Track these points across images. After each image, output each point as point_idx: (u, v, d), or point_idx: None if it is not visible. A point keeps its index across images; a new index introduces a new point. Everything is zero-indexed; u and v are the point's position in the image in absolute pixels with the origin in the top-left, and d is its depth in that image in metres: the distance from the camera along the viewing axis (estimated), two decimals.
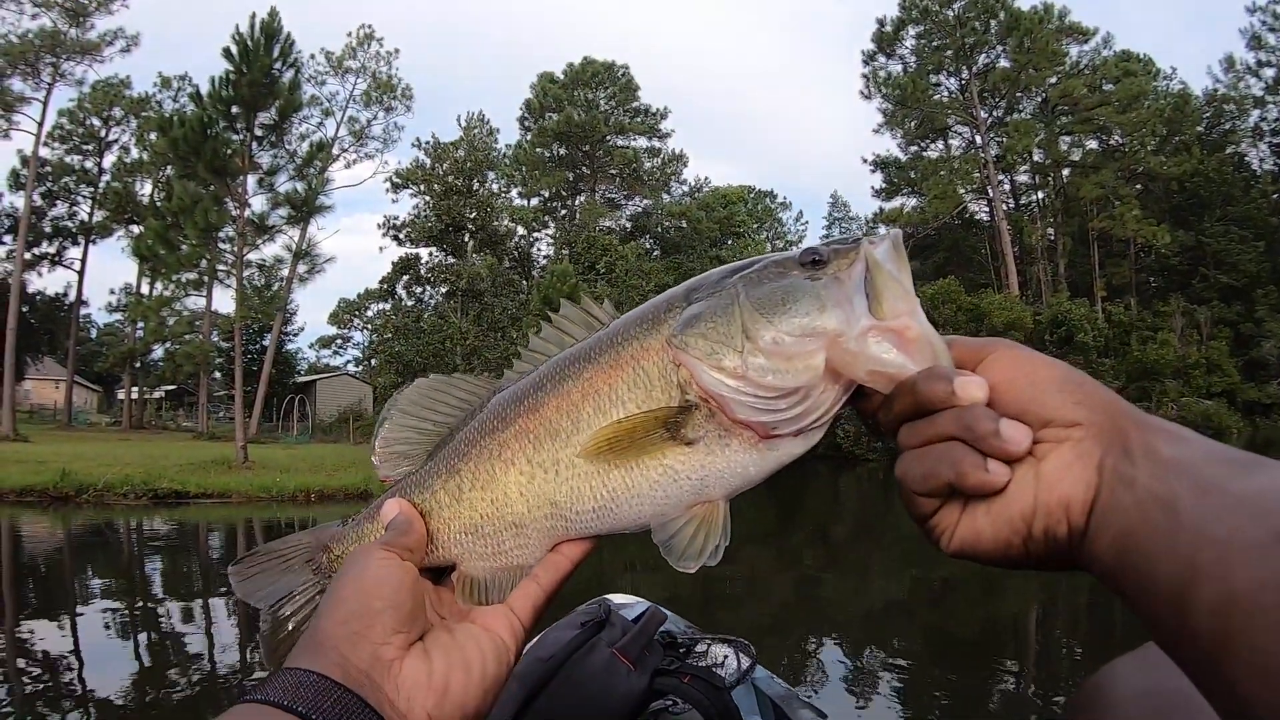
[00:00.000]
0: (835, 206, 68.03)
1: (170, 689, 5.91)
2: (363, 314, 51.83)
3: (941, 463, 0.60)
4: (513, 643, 0.73)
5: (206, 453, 23.60)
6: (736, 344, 0.67)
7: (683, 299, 0.72)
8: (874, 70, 47.70)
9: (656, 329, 0.71)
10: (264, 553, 0.84)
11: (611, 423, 0.70)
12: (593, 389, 0.72)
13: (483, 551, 0.76)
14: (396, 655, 0.65)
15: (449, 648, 0.69)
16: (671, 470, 0.69)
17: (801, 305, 0.66)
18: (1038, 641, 7.63)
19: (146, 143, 43.73)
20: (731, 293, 0.69)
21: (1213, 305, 43.88)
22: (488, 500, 0.75)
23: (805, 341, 0.65)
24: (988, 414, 0.59)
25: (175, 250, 21.23)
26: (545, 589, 0.76)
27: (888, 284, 0.65)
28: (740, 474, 0.69)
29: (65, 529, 14.58)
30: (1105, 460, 0.56)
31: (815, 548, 12.83)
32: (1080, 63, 45.99)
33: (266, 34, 21.77)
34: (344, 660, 0.62)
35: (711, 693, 1.73)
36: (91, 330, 63.32)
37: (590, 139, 49.32)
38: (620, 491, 0.71)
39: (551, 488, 0.73)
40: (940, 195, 43.96)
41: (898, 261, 0.66)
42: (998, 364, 0.62)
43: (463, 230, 29.44)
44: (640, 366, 0.71)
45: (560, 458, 0.73)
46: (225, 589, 9.89)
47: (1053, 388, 0.59)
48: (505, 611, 0.74)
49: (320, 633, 0.65)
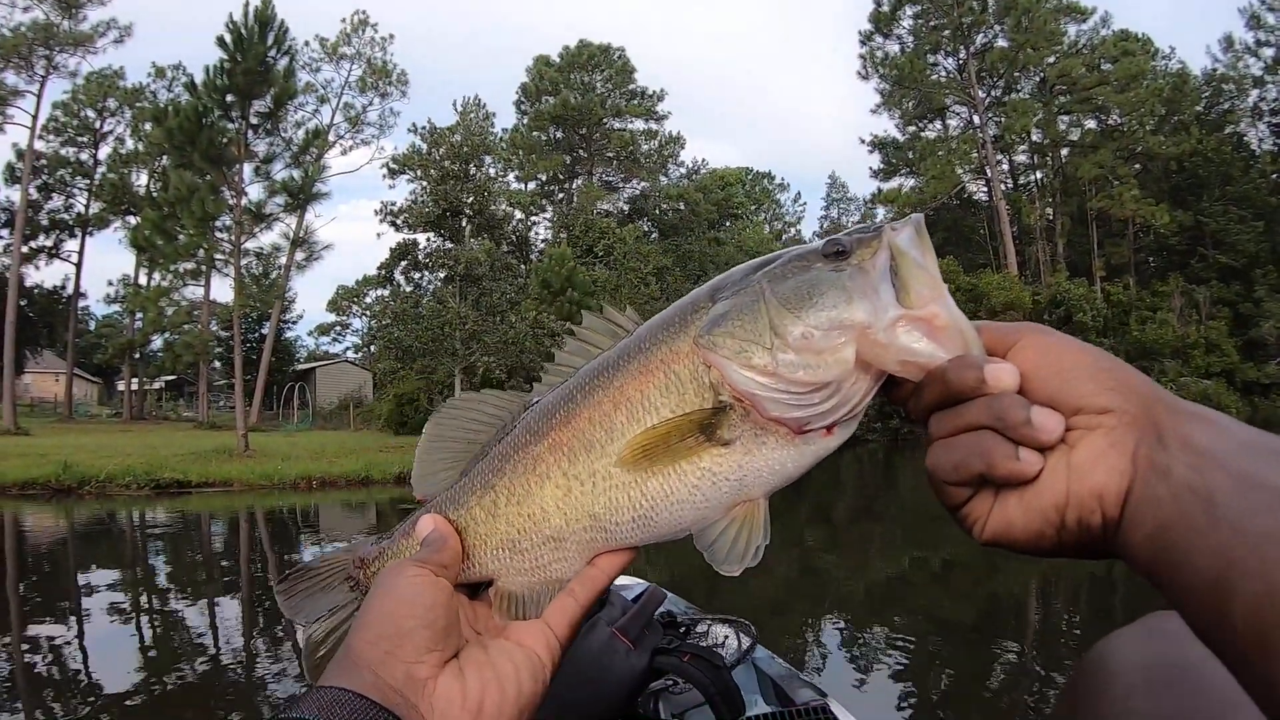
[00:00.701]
0: (833, 187, 68.01)
1: (176, 678, 5.93)
2: (361, 300, 51.61)
3: (973, 452, 0.59)
4: (549, 659, 0.72)
5: (207, 442, 23.64)
6: (765, 341, 0.66)
7: (707, 299, 0.71)
8: (871, 50, 47.47)
9: (684, 331, 0.70)
10: (304, 571, 0.84)
11: (646, 429, 0.69)
12: (624, 397, 0.71)
13: (520, 567, 0.75)
14: (430, 674, 0.64)
15: (483, 665, 0.68)
16: (710, 473, 0.68)
17: (828, 298, 0.65)
18: (1038, 619, 7.66)
19: (142, 133, 43.58)
20: (756, 289, 0.68)
21: (1211, 285, 43.79)
22: (524, 515, 0.74)
23: (834, 335, 0.64)
24: (1019, 401, 0.58)
25: (172, 240, 21.23)
26: (581, 603, 0.75)
27: (913, 271, 0.64)
28: (779, 471, 0.69)
29: (68, 521, 14.61)
30: (1139, 449, 0.54)
31: (816, 528, 12.86)
32: (1078, 42, 45.76)
33: (260, 22, 21.71)
34: (377, 679, 0.61)
35: (712, 671, 1.73)
36: (90, 322, 63.31)
37: (587, 122, 49.07)
38: (659, 499, 0.70)
39: (589, 500, 0.72)
40: (938, 175, 43.81)
41: (921, 247, 0.65)
42: (1027, 350, 0.60)
43: (460, 215, 29.26)
44: (671, 370, 0.69)
45: (596, 469, 0.71)
46: (228, 577, 9.93)
47: (1084, 374, 0.58)
48: (542, 627, 0.73)
49: (353, 651, 0.64)
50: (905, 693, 5.58)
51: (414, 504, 0.83)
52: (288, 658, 6.43)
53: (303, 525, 14.95)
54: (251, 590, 9.08)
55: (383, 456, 21.94)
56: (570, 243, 38.25)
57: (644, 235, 45.52)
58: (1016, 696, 5.53)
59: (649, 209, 50.05)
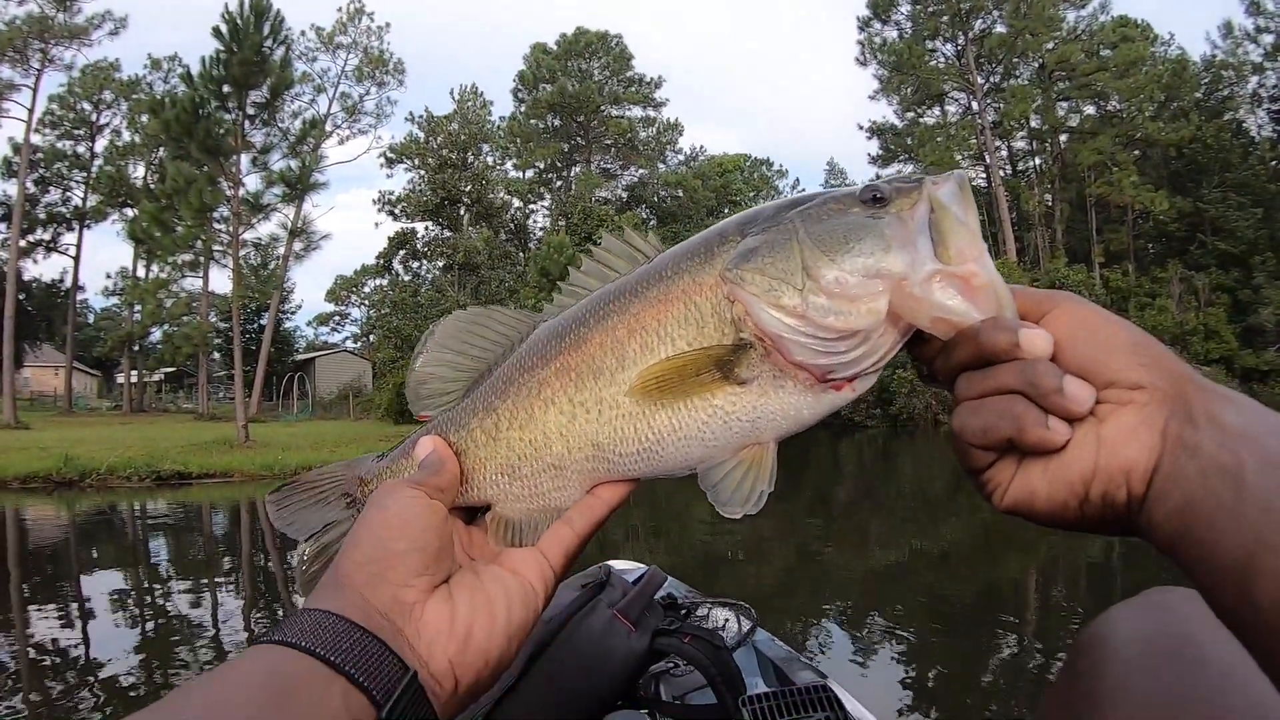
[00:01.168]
0: (832, 174, 67.59)
1: (180, 667, 5.96)
2: (360, 290, 51.81)
3: (1003, 417, 0.58)
4: (542, 588, 0.70)
5: (208, 433, 23.65)
6: (797, 281, 0.64)
7: (736, 232, 0.69)
8: (869, 36, 47.32)
9: (709, 263, 0.68)
10: (300, 484, 0.83)
11: (661, 360, 0.67)
12: (640, 325, 0.69)
13: (519, 493, 0.74)
14: (419, 598, 0.63)
15: (475, 591, 0.66)
16: (722, 411, 0.66)
17: (866, 244, 0.63)
18: (1038, 601, 7.67)
19: (138, 125, 43.62)
20: (790, 228, 0.66)
21: (1210, 272, 43.71)
22: (526, 440, 0.72)
23: (870, 283, 0.62)
24: (1051, 369, 0.57)
25: (170, 232, 21.18)
26: (579, 533, 0.73)
27: (954, 227, 0.63)
28: (794, 416, 0.67)
29: (70, 514, 14.62)
30: (1169, 426, 0.54)
31: (816, 513, 12.88)
32: (1077, 28, 45.57)
33: (256, 12, 21.61)
34: (363, 602, 0.60)
35: (712, 652, 1.73)
36: (89, 315, 63.37)
37: (584, 109, 49.09)
38: (667, 433, 0.68)
39: (594, 428, 0.70)
40: (937, 162, 43.59)
41: (963, 203, 0.64)
42: (1062, 318, 0.60)
43: (458, 204, 29.30)
44: (692, 302, 0.67)
45: (604, 396, 0.70)
46: (230, 567, 9.95)
47: (1118, 347, 0.57)
48: (536, 555, 0.71)
49: (340, 573, 0.63)
50: (905, 674, 5.59)
51: None
52: None
53: None
54: (253, 579, 9.10)
55: (383, 445, 21.63)
56: (569, 230, 38.25)
57: (642, 223, 45.46)
58: (1017, 677, 5.55)
59: (647, 196, 50.08)
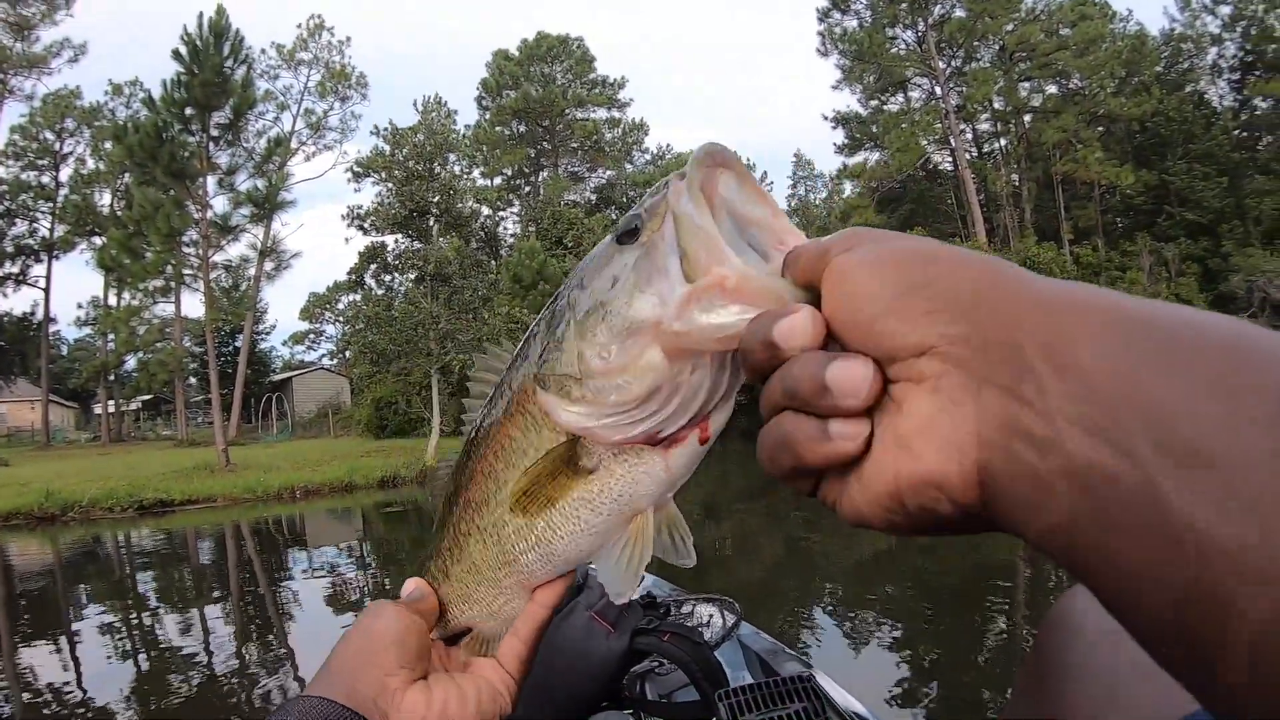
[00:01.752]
0: (799, 165, 67.74)
1: (171, 697, 5.93)
2: (333, 307, 51.51)
3: (779, 443, 0.45)
4: (505, 691, 0.77)
5: (188, 459, 23.48)
6: (575, 371, 0.59)
7: (546, 328, 0.64)
8: (829, 27, 47.44)
9: (526, 368, 0.66)
10: None
11: (520, 474, 0.66)
12: (500, 446, 0.69)
13: (478, 614, 0.79)
14: (400, 686, 0.70)
15: (448, 684, 0.74)
16: (586, 500, 0.64)
17: (617, 301, 0.56)
18: (1024, 589, 7.74)
19: (102, 152, 43.02)
20: (564, 307, 0.61)
21: (1179, 242, 44.09)
22: (467, 571, 0.77)
23: (630, 344, 0.55)
24: (811, 361, 0.43)
25: (140, 258, 21.01)
26: (525, 640, 0.78)
27: (689, 236, 0.52)
28: (657, 480, 0.62)
29: (54, 549, 14.48)
30: (985, 406, 0.36)
31: (802, 504, 12.93)
32: (1036, 8, 45.82)
33: (215, 33, 21.45)
34: (351, 687, 0.67)
35: (692, 648, 1.73)
36: (62, 347, 62.50)
37: (549, 114, 49.03)
38: (553, 535, 0.68)
39: (500, 549, 0.73)
40: (903, 148, 43.85)
41: (695, 200, 0.53)
42: (830, 279, 0.44)
43: (427, 214, 29.10)
44: (525, 410, 0.65)
45: (498, 520, 0.71)
46: (219, 594, 9.89)
47: (884, 300, 0.41)
48: (494, 664, 0.78)
49: (333, 663, 0.70)
50: (892, 663, 5.64)
51: (397, 507, 0.87)
52: (281, 669, 6.45)
53: (289, 535, 14.87)
54: (241, 603, 9.05)
55: (365, 461, 21.89)
56: (539, 235, 38.15)
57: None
58: (1002, 665, 5.61)
59: (616, 197, 49.96)
